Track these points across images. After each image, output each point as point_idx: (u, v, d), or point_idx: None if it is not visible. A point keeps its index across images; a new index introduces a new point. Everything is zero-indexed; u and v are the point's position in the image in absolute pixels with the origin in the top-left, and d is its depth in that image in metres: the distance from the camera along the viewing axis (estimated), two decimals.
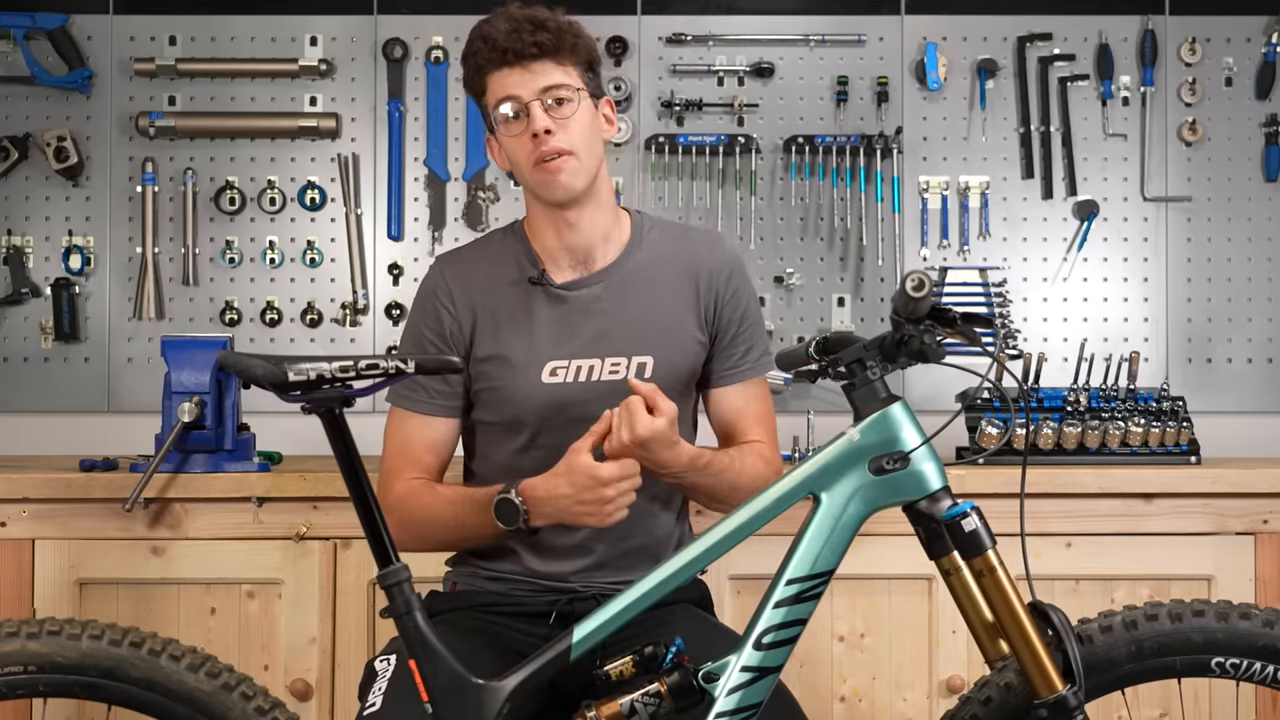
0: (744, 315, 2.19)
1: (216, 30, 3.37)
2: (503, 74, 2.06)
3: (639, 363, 2.12)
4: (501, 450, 2.15)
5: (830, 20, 3.38)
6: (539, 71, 2.05)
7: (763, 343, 2.22)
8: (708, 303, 2.16)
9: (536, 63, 2.05)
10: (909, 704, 2.65)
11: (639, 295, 2.14)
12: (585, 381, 2.11)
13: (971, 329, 1.78)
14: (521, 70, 2.05)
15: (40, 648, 1.85)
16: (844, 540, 1.78)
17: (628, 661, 1.79)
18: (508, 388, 2.12)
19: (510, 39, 2.05)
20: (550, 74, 2.06)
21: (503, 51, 2.05)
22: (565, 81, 2.06)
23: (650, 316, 2.13)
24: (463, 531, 2.08)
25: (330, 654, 2.60)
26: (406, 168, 3.37)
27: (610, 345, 2.12)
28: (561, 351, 2.11)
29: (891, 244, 3.32)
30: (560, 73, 2.07)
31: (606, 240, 2.15)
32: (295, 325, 3.35)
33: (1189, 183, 3.36)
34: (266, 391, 1.79)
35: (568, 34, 2.08)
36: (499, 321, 2.13)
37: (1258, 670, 1.82)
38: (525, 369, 2.11)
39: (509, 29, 2.05)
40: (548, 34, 2.05)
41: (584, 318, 2.12)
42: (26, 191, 3.34)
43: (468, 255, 2.22)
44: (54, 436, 3.27)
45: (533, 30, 2.05)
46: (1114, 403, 2.89)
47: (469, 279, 2.16)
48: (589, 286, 2.14)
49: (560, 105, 2.06)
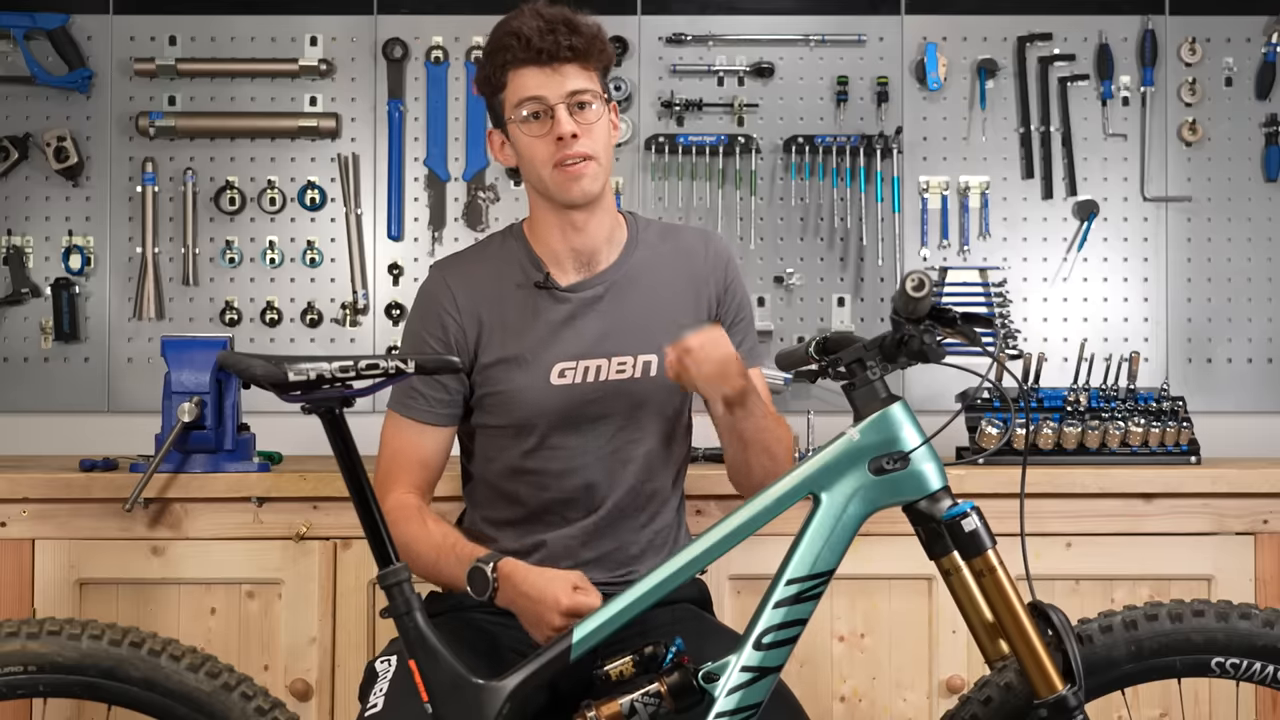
0: (739, 306, 2.21)
1: (216, 30, 3.37)
2: (529, 72, 2.05)
3: (644, 361, 2.12)
4: (508, 453, 2.15)
5: (830, 20, 3.38)
6: (567, 74, 2.04)
7: (754, 333, 2.25)
8: (709, 296, 2.17)
9: (567, 65, 2.04)
10: (909, 704, 2.65)
11: (641, 295, 2.15)
12: (594, 381, 2.11)
13: (971, 329, 1.78)
14: (550, 71, 2.04)
15: (40, 648, 1.85)
16: (844, 540, 1.78)
17: (628, 661, 1.79)
18: (517, 391, 2.11)
19: (544, 38, 2.03)
20: (577, 78, 2.05)
21: (536, 51, 2.03)
22: (590, 87, 2.06)
23: (652, 315, 2.14)
24: (439, 575, 2.06)
25: (330, 654, 2.60)
26: (406, 168, 3.37)
27: (615, 344, 2.12)
28: (568, 353, 2.11)
29: (891, 244, 3.32)
30: (585, 77, 2.06)
31: (609, 242, 2.16)
32: (295, 325, 3.35)
33: (1189, 183, 3.36)
34: (266, 391, 1.79)
35: (597, 39, 2.08)
36: (506, 326, 2.12)
37: (1258, 670, 1.82)
38: (534, 372, 2.11)
39: (543, 27, 2.03)
40: (581, 38, 2.04)
41: (589, 319, 2.13)
42: (26, 191, 3.34)
43: (469, 260, 2.21)
44: (54, 436, 3.27)
45: (568, 32, 2.04)
46: (1114, 403, 2.89)
47: (473, 285, 2.15)
48: (593, 288, 2.14)
49: (584, 110, 2.06)
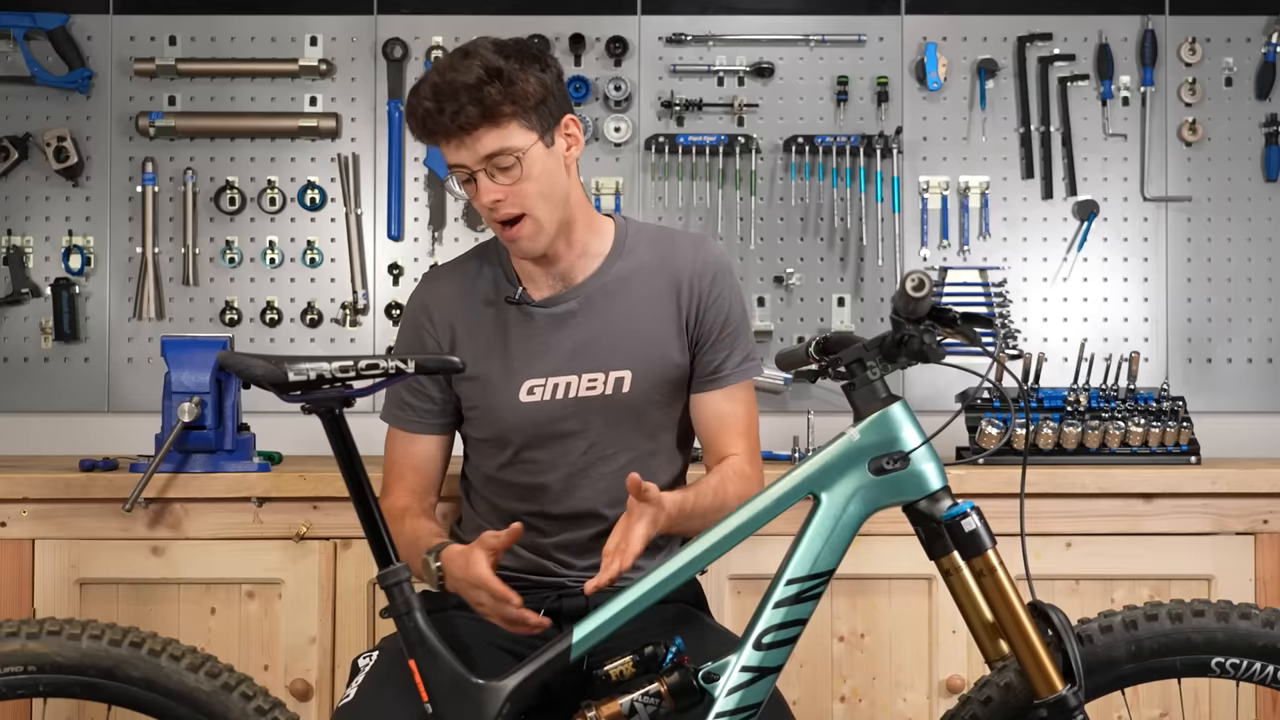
0: (726, 319, 2.13)
1: (216, 30, 3.37)
2: (443, 144, 1.98)
3: (616, 377, 2.09)
4: (488, 464, 2.16)
5: (830, 20, 3.38)
6: (479, 138, 1.95)
7: (747, 347, 2.15)
8: (689, 309, 2.12)
9: (475, 130, 1.95)
10: (909, 704, 2.65)
11: (617, 308, 2.11)
12: (563, 399, 2.09)
13: (971, 329, 1.78)
14: (459, 142, 1.96)
15: (40, 648, 1.85)
16: (844, 540, 1.78)
17: (628, 661, 1.79)
18: (487, 408, 2.12)
19: (434, 121, 1.95)
20: (488, 140, 1.95)
21: (439, 128, 1.95)
22: (505, 146, 1.96)
23: (629, 329, 2.10)
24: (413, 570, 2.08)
25: (330, 654, 2.60)
26: (406, 168, 3.36)
27: (586, 361, 2.09)
28: (537, 370, 2.10)
29: (891, 244, 3.32)
30: (498, 136, 1.95)
31: (584, 255, 2.13)
32: (295, 325, 3.35)
33: (1189, 183, 3.36)
34: (266, 391, 1.79)
35: (497, 92, 1.94)
36: (476, 342, 2.12)
37: (1258, 670, 1.82)
38: (503, 389, 2.10)
39: (432, 109, 1.94)
40: (475, 105, 1.93)
41: (559, 334, 2.10)
42: (26, 191, 3.34)
43: (447, 275, 2.21)
44: (54, 436, 3.27)
45: (457, 108, 1.93)
46: (1114, 403, 2.89)
47: (447, 300, 2.15)
48: (565, 302, 2.11)
49: (506, 171, 1.98)
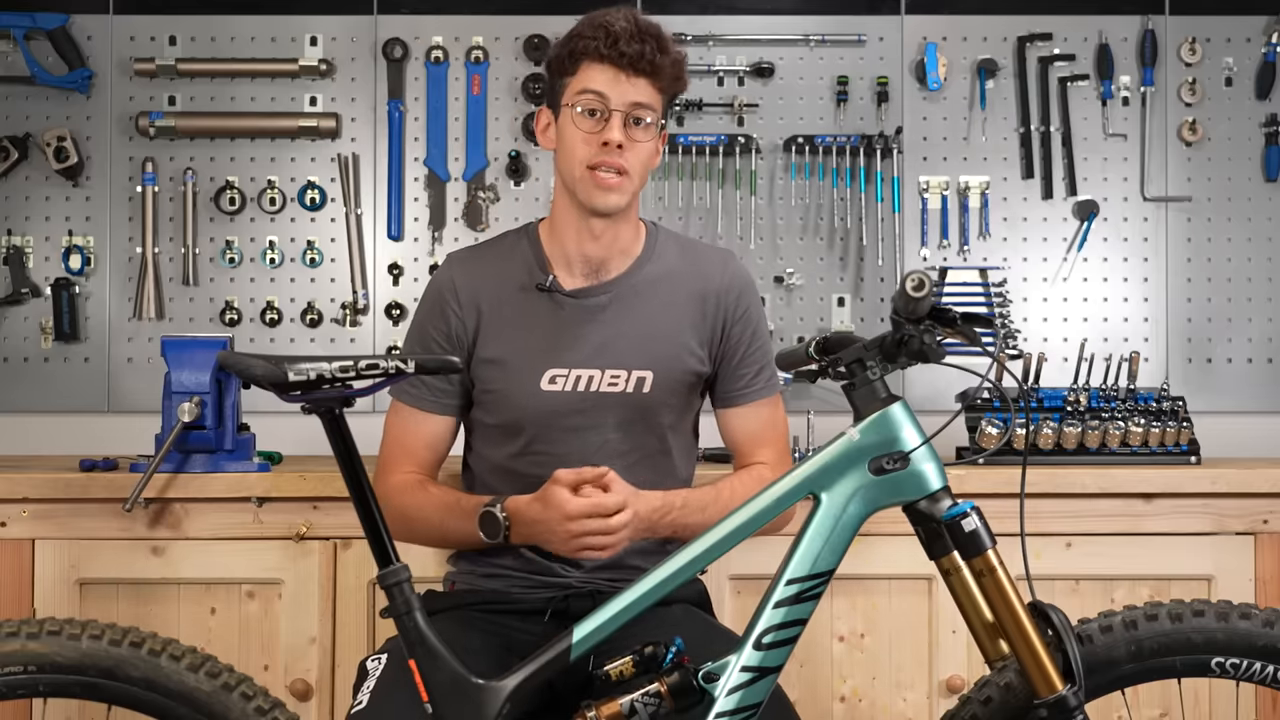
0: (754, 335, 2.18)
1: (216, 30, 3.36)
2: (603, 69, 2.03)
3: (639, 376, 2.11)
4: (497, 452, 2.16)
5: (830, 20, 3.38)
6: (637, 85, 2.03)
7: (771, 363, 2.19)
8: (716, 322, 2.15)
9: (640, 77, 2.03)
10: (909, 704, 2.65)
11: (645, 308, 2.13)
12: (584, 391, 2.10)
13: (971, 329, 1.78)
14: (623, 77, 2.02)
15: (40, 648, 1.85)
16: (844, 540, 1.78)
17: (628, 661, 1.79)
18: (506, 393, 2.12)
19: (630, 44, 2.01)
20: (645, 92, 2.04)
21: (619, 53, 2.01)
22: (653, 104, 2.05)
23: (654, 331, 2.12)
24: (447, 535, 2.10)
25: (330, 654, 2.60)
26: (406, 168, 3.36)
27: (612, 357, 2.11)
28: (562, 360, 2.11)
29: (891, 244, 3.32)
30: (652, 95, 2.05)
31: (622, 252, 2.15)
32: (295, 325, 3.34)
33: (1189, 183, 3.36)
34: (266, 391, 1.79)
35: (678, 65, 2.06)
36: (502, 325, 2.12)
37: (1258, 670, 1.82)
38: (524, 375, 2.11)
39: (633, 32, 2.01)
40: (666, 57, 2.03)
41: (588, 327, 2.12)
42: (26, 191, 3.34)
43: (478, 255, 2.21)
44: (54, 436, 3.27)
45: (655, 47, 2.02)
46: (1114, 403, 2.89)
47: (477, 280, 2.15)
48: (596, 296, 2.13)
49: (639, 125, 2.05)
